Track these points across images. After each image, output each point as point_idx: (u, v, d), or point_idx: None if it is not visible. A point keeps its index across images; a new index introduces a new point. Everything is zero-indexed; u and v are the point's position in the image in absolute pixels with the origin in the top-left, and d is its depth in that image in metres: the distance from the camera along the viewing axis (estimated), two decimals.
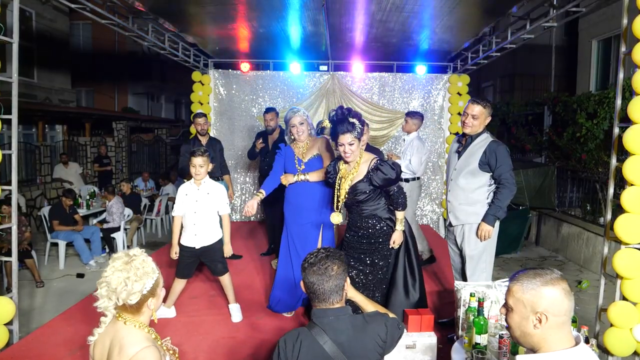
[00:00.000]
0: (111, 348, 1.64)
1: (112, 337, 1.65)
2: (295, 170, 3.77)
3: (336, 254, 1.92)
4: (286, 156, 3.87)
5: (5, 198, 4.69)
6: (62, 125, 13.76)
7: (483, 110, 3.33)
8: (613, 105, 6.72)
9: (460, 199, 3.44)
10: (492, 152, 3.27)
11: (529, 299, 1.47)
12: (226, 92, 7.64)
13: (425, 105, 7.61)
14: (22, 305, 4.21)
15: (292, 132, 3.75)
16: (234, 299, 3.92)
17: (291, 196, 3.83)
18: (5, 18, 3.37)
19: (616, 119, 3.42)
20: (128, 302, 1.64)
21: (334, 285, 1.84)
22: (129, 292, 1.63)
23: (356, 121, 3.09)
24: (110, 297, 1.63)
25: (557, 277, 1.48)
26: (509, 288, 1.55)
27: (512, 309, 1.52)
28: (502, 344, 2.39)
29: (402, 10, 5.18)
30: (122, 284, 1.62)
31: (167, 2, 5.18)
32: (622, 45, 3.37)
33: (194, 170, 3.68)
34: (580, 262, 7.20)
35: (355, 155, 3.15)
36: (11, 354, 3.24)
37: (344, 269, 1.89)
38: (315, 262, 1.87)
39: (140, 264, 1.67)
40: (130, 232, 7.71)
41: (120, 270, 1.63)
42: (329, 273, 1.84)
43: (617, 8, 8.58)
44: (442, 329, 3.48)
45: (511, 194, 3.28)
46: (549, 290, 1.45)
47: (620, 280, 3.20)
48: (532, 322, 1.46)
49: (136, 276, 1.64)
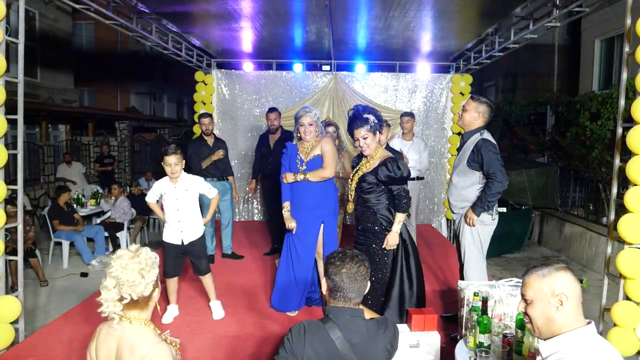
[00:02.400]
0: (120, 349, 1.63)
1: (119, 339, 1.64)
2: (297, 169, 3.80)
3: (363, 257, 1.94)
4: (291, 155, 3.90)
5: (10, 197, 4.71)
6: (65, 125, 13.81)
7: (473, 104, 3.44)
8: (616, 105, 6.72)
9: (455, 195, 3.58)
10: (479, 149, 3.37)
11: (547, 285, 1.57)
12: (229, 92, 7.65)
13: (427, 105, 7.61)
14: (26, 304, 4.23)
15: (300, 131, 3.77)
16: (215, 296, 3.99)
17: (292, 195, 3.87)
18: (9, 18, 3.38)
19: (620, 119, 3.42)
20: (144, 294, 1.65)
21: (361, 286, 1.88)
22: (146, 282, 1.65)
23: (371, 116, 3.25)
24: (124, 295, 1.61)
25: (563, 266, 1.62)
26: (524, 282, 1.64)
27: (532, 300, 1.60)
28: (506, 343, 2.40)
29: (406, 14, 5.20)
30: (139, 276, 1.63)
31: (171, 4, 5.20)
32: (626, 44, 3.37)
33: (169, 169, 3.65)
34: (583, 261, 7.19)
35: (372, 149, 3.31)
36: (17, 352, 3.26)
37: (369, 273, 1.93)
38: (347, 261, 1.88)
39: (146, 254, 1.71)
40: (134, 232, 7.74)
41: (131, 265, 1.63)
42: (361, 273, 1.88)
43: (620, 8, 8.60)
44: (446, 329, 3.49)
45: (500, 188, 3.34)
46: (562, 274, 1.58)
47: (623, 280, 3.20)
48: (554, 306, 1.55)
49: (148, 266, 1.67)
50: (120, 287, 1.62)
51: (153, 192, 3.88)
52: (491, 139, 3.44)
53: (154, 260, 1.71)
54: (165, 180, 3.78)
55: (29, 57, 4.69)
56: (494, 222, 3.48)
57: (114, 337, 1.66)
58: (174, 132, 18.56)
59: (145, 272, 1.65)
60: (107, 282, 1.64)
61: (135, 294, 1.62)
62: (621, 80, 3.43)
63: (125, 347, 1.62)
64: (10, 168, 6.29)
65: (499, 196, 3.39)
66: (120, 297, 1.62)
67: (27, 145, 10.32)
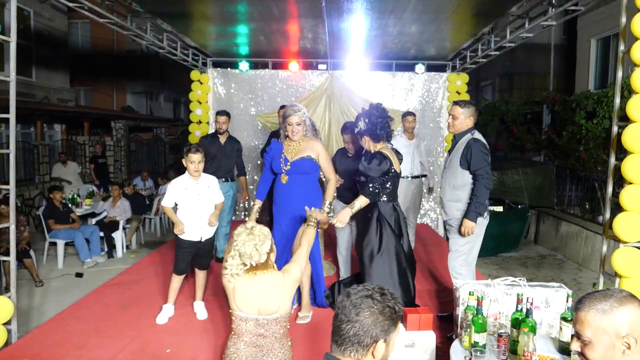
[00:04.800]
0: (264, 289, 2.19)
1: (262, 284, 2.19)
2: (281, 169, 3.71)
3: (383, 301, 1.40)
4: (274, 153, 3.81)
5: (4, 197, 4.68)
6: (61, 125, 13.75)
7: (461, 110, 3.52)
8: (612, 104, 6.73)
9: (448, 195, 3.60)
10: (469, 148, 3.42)
11: (610, 324, 1.30)
12: (225, 91, 7.62)
13: (424, 104, 7.61)
14: (20, 304, 4.21)
15: (288, 130, 3.71)
16: (201, 297, 4.00)
17: (278, 198, 3.81)
18: (2, 17, 3.36)
19: (615, 118, 3.42)
20: (260, 261, 2.16)
21: (356, 333, 1.36)
22: (260, 253, 2.15)
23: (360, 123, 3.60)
24: (244, 263, 2.15)
25: (628, 295, 1.35)
26: (579, 318, 1.37)
27: (592, 341, 1.33)
28: (501, 342, 2.39)
29: (402, 13, 5.19)
30: (255, 249, 2.14)
31: (166, 3, 5.17)
32: (621, 43, 3.37)
33: (192, 166, 3.71)
34: (579, 260, 7.21)
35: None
36: (10, 353, 3.24)
37: (381, 326, 1.37)
38: (352, 295, 1.42)
39: (260, 230, 2.19)
40: (130, 232, 7.71)
41: (247, 242, 2.14)
42: (363, 314, 1.37)
43: (616, 7, 8.58)
44: (441, 329, 3.49)
45: (487, 188, 3.37)
46: (628, 310, 1.30)
47: (619, 279, 3.20)
48: (619, 350, 1.30)
49: (261, 240, 2.16)
50: (241, 257, 2.16)
51: (170, 193, 3.81)
52: (482, 139, 3.48)
53: (266, 234, 2.20)
54: (185, 177, 3.80)
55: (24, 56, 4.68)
56: (485, 220, 3.49)
57: (254, 286, 2.18)
58: (170, 132, 18.50)
59: (259, 246, 2.15)
60: (232, 253, 2.17)
61: (254, 262, 2.16)
62: (617, 79, 3.44)
63: (269, 288, 2.19)
64: (4, 168, 6.25)
65: (488, 195, 3.40)
66: (243, 263, 2.17)
67: (23, 145, 10.27)
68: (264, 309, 2.20)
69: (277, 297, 2.20)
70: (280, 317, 2.22)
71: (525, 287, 2.85)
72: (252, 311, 2.20)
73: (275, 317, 2.21)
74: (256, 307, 2.20)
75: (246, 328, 2.22)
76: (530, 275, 6.44)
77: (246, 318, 2.21)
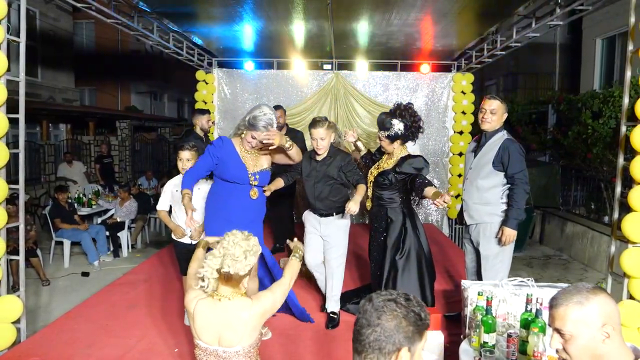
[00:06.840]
0: (226, 320, 1.91)
1: (223, 311, 1.91)
2: (247, 180, 3.26)
3: (408, 305, 1.30)
4: (226, 157, 3.29)
5: (11, 197, 4.70)
6: (66, 124, 13.81)
7: (501, 105, 3.36)
8: (618, 103, 6.71)
9: (475, 198, 3.42)
10: (506, 149, 3.25)
11: (588, 315, 1.34)
12: (230, 91, 7.63)
13: (429, 104, 7.60)
14: (28, 303, 4.22)
15: (253, 141, 3.25)
16: None
17: (243, 216, 3.26)
18: (10, 17, 3.38)
19: (623, 118, 3.40)
20: (240, 272, 1.88)
21: (377, 339, 1.25)
22: (246, 263, 1.89)
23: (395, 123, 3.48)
24: (223, 267, 1.86)
25: (595, 287, 1.39)
26: (558, 315, 1.38)
27: (572, 335, 1.35)
28: (511, 343, 2.39)
29: (408, 14, 5.18)
30: (243, 255, 1.88)
31: (172, 3, 5.18)
32: (630, 43, 3.35)
33: (180, 164, 3.54)
34: (584, 260, 7.18)
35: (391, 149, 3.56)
36: (19, 352, 3.25)
37: (404, 332, 1.26)
38: (375, 299, 1.31)
39: (255, 242, 1.96)
40: (135, 232, 7.73)
41: (241, 243, 1.90)
42: (385, 317, 1.26)
43: (621, 6, 8.58)
44: (449, 328, 3.48)
45: (525, 193, 3.22)
46: (600, 300, 1.35)
47: (627, 280, 3.19)
48: (600, 341, 1.33)
49: (253, 251, 1.92)
50: (224, 257, 1.88)
51: (165, 196, 3.66)
52: (515, 140, 3.33)
53: (257, 251, 1.95)
54: (177, 178, 3.62)
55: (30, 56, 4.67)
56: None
57: (216, 312, 1.90)
58: (174, 132, 18.54)
59: (249, 255, 1.90)
60: (215, 251, 1.91)
61: (234, 269, 1.87)
62: (625, 79, 3.42)
63: (232, 317, 1.90)
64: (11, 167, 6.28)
65: (525, 200, 3.29)
66: (220, 267, 1.88)
67: (28, 145, 10.33)
68: (224, 340, 1.93)
69: (240, 327, 1.91)
70: (243, 350, 1.94)
71: (534, 288, 2.84)
72: (213, 341, 1.94)
73: (236, 349, 1.93)
74: (216, 336, 1.93)
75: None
76: (535, 276, 6.42)
77: (206, 349, 1.96)
